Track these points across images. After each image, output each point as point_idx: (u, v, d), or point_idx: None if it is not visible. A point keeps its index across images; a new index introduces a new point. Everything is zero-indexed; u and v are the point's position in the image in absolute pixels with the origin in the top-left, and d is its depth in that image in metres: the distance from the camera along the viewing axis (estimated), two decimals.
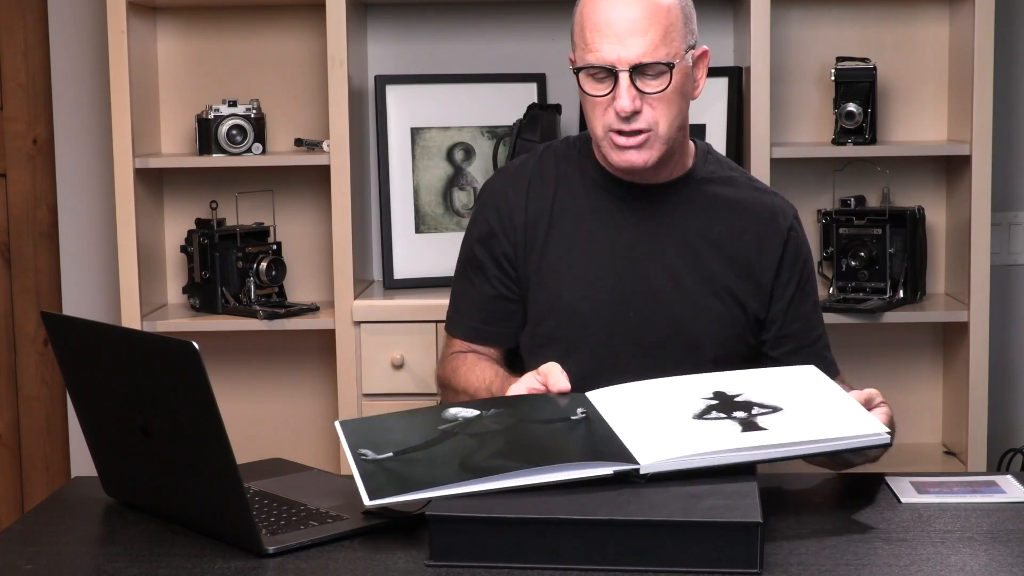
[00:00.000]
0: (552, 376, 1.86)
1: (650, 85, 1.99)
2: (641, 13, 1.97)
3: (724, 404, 1.79)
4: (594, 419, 1.77)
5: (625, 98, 1.97)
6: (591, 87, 2.01)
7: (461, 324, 2.19)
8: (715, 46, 3.22)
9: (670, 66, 1.98)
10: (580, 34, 2.02)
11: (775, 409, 1.77)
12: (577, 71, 2.02)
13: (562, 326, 2.10)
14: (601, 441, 1.71)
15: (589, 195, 2.12)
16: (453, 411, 1.81)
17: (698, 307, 2.08)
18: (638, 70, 1.97)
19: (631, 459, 1.67)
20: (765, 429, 1.72)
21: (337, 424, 1.81)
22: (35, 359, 3.47)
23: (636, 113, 1.99)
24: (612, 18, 1.98)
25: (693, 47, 2.05)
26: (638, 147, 2.01)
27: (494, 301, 2.16)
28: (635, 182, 2.10)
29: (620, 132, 2.01)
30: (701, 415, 1.76)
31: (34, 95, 3.40)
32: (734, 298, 2.10)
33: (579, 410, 1.80)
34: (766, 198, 2.16)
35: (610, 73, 1.98)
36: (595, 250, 2.10)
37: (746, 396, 1.81)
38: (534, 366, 1.95)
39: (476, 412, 1.80)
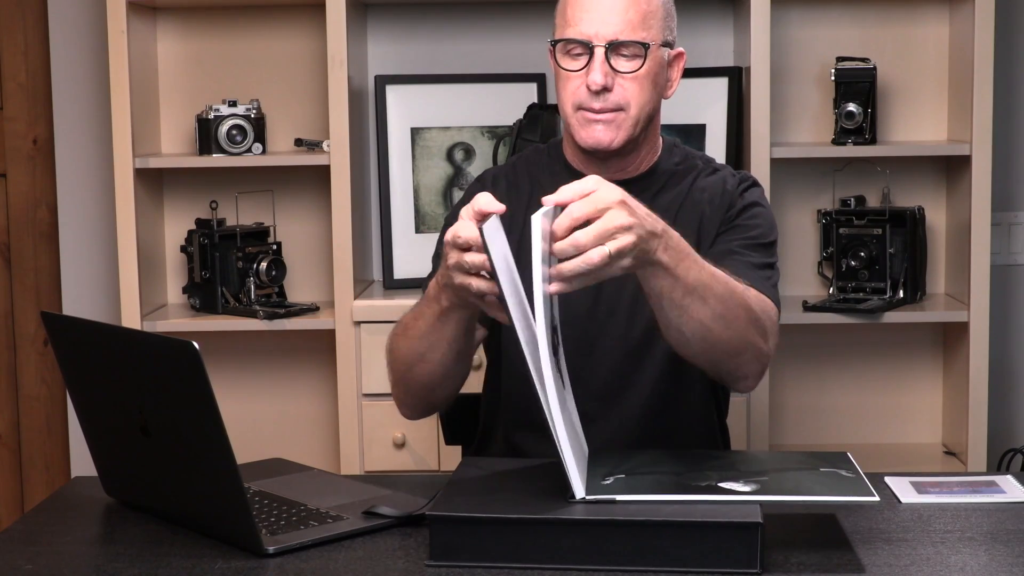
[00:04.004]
0: (480, 202, 1.76)
1: (624, 64, 2.03)
2: None
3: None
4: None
5: (598, 72, 2.01)
6: (567, 62, 2.05)
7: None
8: (715, 46, 3.24)
9: (645, 47, 2.02)
10: (562, 13, 2.07)
11: None
12: (555, 44, 2.06)
13: None
14: None
15: None
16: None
17: None
18: (613, 48, 2.02)
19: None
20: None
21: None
22: (35, 359, 3.47)
23: (607, 90, 2.02)
24: None
25: (671, 45, 2.09)
26: (607, 123, 2.04)
27: None
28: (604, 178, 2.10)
29: (590, 110, 2.04)
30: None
31: (34, 95, 3.40)
32: None
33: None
34: (717, 176, 2.17)
35: (586, 48, 2.02)
36: None
37: None
38: (516, 370, 2.05)
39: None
